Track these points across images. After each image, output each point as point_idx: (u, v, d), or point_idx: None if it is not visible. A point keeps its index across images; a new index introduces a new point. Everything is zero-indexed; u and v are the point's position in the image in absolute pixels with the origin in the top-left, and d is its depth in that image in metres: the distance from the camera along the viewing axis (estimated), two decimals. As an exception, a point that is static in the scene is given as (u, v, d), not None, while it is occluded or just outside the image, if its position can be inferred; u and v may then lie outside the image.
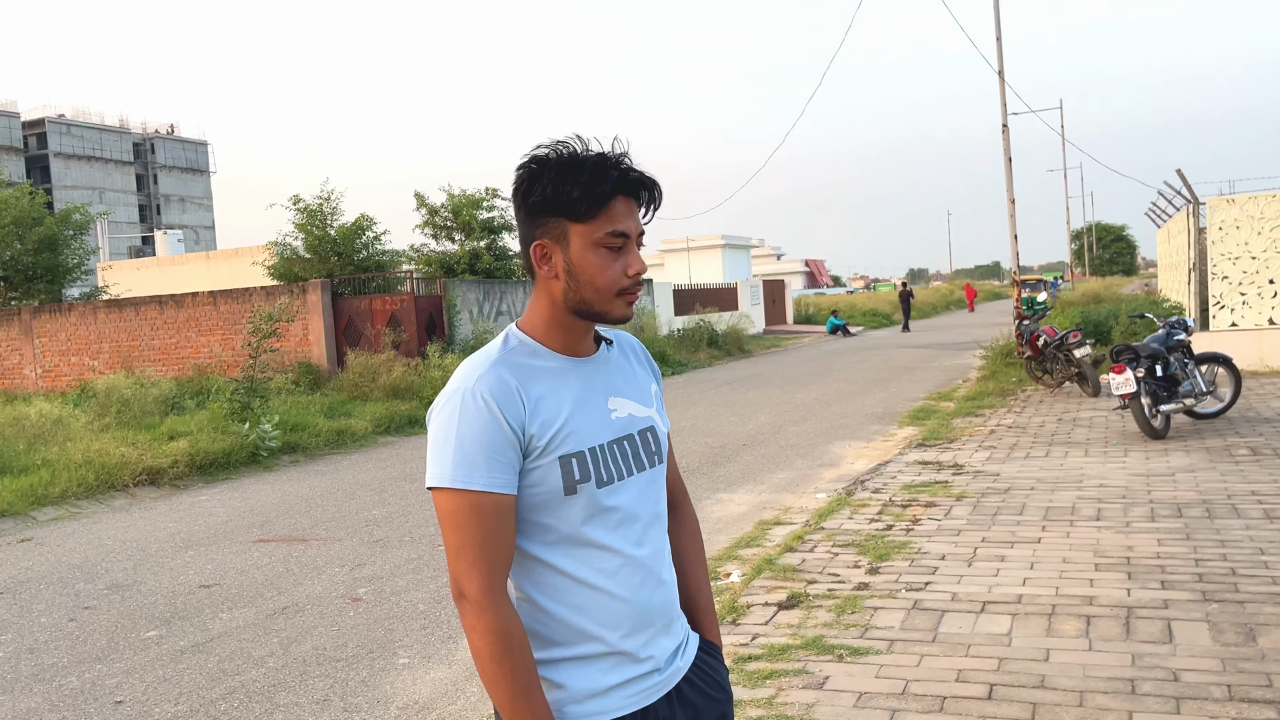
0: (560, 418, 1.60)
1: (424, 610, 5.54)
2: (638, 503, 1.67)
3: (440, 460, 1.55)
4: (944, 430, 10.51)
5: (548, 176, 1.58)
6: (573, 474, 1.59)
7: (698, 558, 1.93)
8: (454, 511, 1.54)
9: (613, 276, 1.60)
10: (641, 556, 1.67)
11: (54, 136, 74.71)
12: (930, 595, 4.99)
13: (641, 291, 1.67)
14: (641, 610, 1.66)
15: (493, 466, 1.54)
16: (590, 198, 1.56)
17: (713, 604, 1.93)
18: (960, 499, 7.16)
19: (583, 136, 1.62)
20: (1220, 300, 14.23)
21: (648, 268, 1.67)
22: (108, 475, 9.89)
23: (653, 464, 1.72)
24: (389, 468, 10.83)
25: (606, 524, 1.63)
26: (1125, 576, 5.07)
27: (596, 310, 1.62)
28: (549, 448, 1.58)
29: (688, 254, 50.21)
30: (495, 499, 1.54)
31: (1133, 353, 9.20)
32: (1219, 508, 6.37)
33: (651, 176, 1.62)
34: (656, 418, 1.77)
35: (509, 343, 1.65)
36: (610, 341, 1.77)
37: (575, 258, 1.59)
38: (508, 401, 1.56)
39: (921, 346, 25.91)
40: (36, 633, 5.58)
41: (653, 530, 1.71)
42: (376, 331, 18.61)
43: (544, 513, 1.60)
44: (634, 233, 1.61)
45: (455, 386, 1.58)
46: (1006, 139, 16.52)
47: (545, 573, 1.62)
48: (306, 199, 21.26)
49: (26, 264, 22.61)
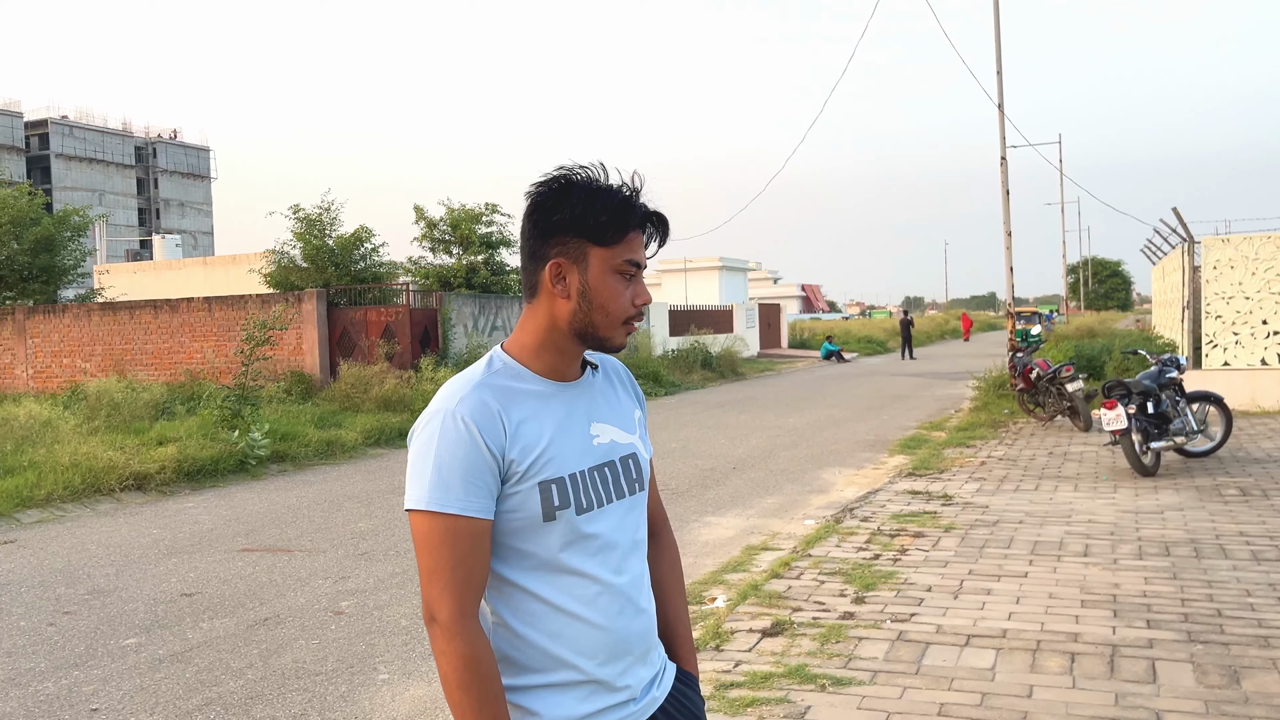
0: (541, 443, 1.58)
1: (406, 626, 5.51)
2: (617, 530, 1.66)
3: (418, 482, 1.54)
4: (934, 460, 10.50)
5: (577, 197, 1.59)
6: (552, 500, 1.58)
7: (677, 586, 1.91)
8: (429, 534, 1.52)
9: (623, 303, 1.62)
10: (620, 584, 1.65)
11: (56, 137, 74.79)
12: (915, 626, 4.97)
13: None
14: (618, 639, 1.64)
15: (470, 490, 1.53)
16: (618, 224, 1.59)
17: (691, 634, 1.92)
18: (949, 530, 7.15)
19: (604, 165, 1.65)
20: (1213, 339, 14.28)
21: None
22: (94, 479, 9.83)
23: (633, 491, 1.71)
24: (377, 480, 10.79)
25: (585, 551, 1.61)
26: (1111, 614, 5.06)
27: (601, 334, 1.63)
28: (529, 473, 1.57)
29: (685, 275, 50.34)
30: (471, 523, 1.53)
31: (1125, 389, 9.22)
32: (1206, 548, 6.36)
33: (666, 220, 1.68)
34: (639, 444, 1.76)
35: (493, 364, 1.64)
36: (595, 366, 1.76)
37: (593, 280, 1.61)
38: (488, 425, 1.55)
39: (914, 375, 25.94)
40: (15, 636, 5.53)
41: (632, 558, 1.69)
42: (370, 343, 18.59)
43: (522, 538, 1.59)
44: (644, 265, 1.65)
45: (436, 408, 1.57)
46: (1005, 171, 16.61)
47: (522, 598, 1.60)
48: (306, 208, 21.29)
49: (22, 264, 22.55)
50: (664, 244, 1.69)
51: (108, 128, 79.22)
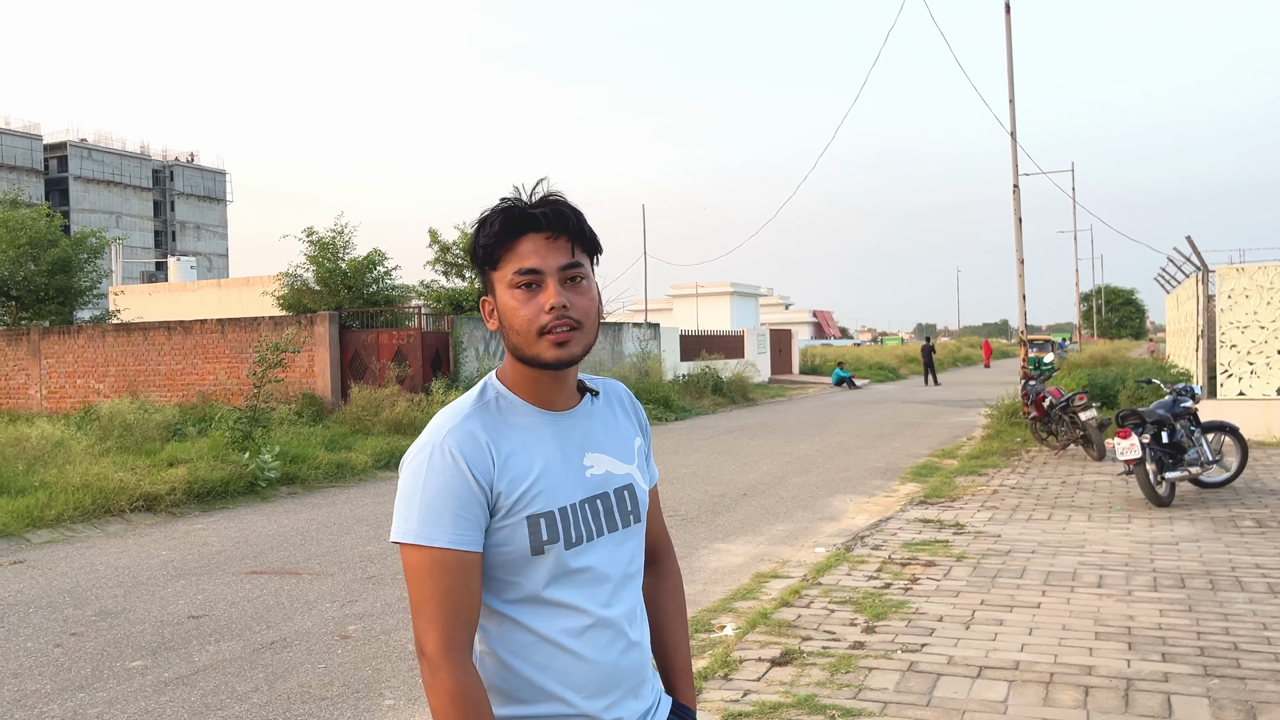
0: (530, 476, 1.56)
1: (412, 651, 5.47)
2: (608, 563, 1.63)
3: (406, 514, 1.52)
4: (946, 488, 10.43)
5: (472, 233, 1.60)
6: (540, 534, 1.55)
7: (677, 616, 1.88)
8: (417, 567, 1.51)
9: (527, 315, 1.55)
10: (611, 617, 1.62)
11: (75, 160, 75.60)
12: (926, 657, 4.92)
13: (572, 328, 1.55)
14: (608, 672, 1.61)
15: (458, 523, 1.51)
16: (495, 240, 1.56)
17: (690, 666, 1.88)
18: (960, 559, 7.08)
19: (522, 186, 1.60)
20: (1228, 369, 14.19)
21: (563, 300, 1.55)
22: (105, 500, 9.85)
23: (627, 523, 1.67)
24: (386, 503, 10.77)
25: (574, 584, 1.59)
26: (1126, 647, 4.99)
27: (527, 355, 1.57)
28: (516, 507, 1.54)
29: (696, 300, 50.37)
30: (459, 556, 1.51)
31: (1139, 418, 9.15)
32: (1222, 580, 6.29)
33: (554, 206, 1.57)
34: (636, 475, 1.72)
35: (485, 394, 1.62)
36: (595, 392, 1.73)
37: (500, 304, 1.58)
38: (477, 458, 1.53)
39: (926, 402, 25.83)
40: (22, 657, 5.52)
41: (624, 590, 1.66)
42: (382, 365, 18.64)
43: (510, 571, 1.57)
44: (550, 269, 1.55)
45: (426, 439, 1.56)
46: (1017, 199, 16.60)
47: (511, 629, 1.58)
48: (320, 231, 21.42)
49: (39, 285, 22.73)
50: (581, 237, 1.58)
51: (126, 150, 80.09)
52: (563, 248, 1.56)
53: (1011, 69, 16.58)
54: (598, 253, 1.63)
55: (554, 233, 1.56)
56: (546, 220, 1.55)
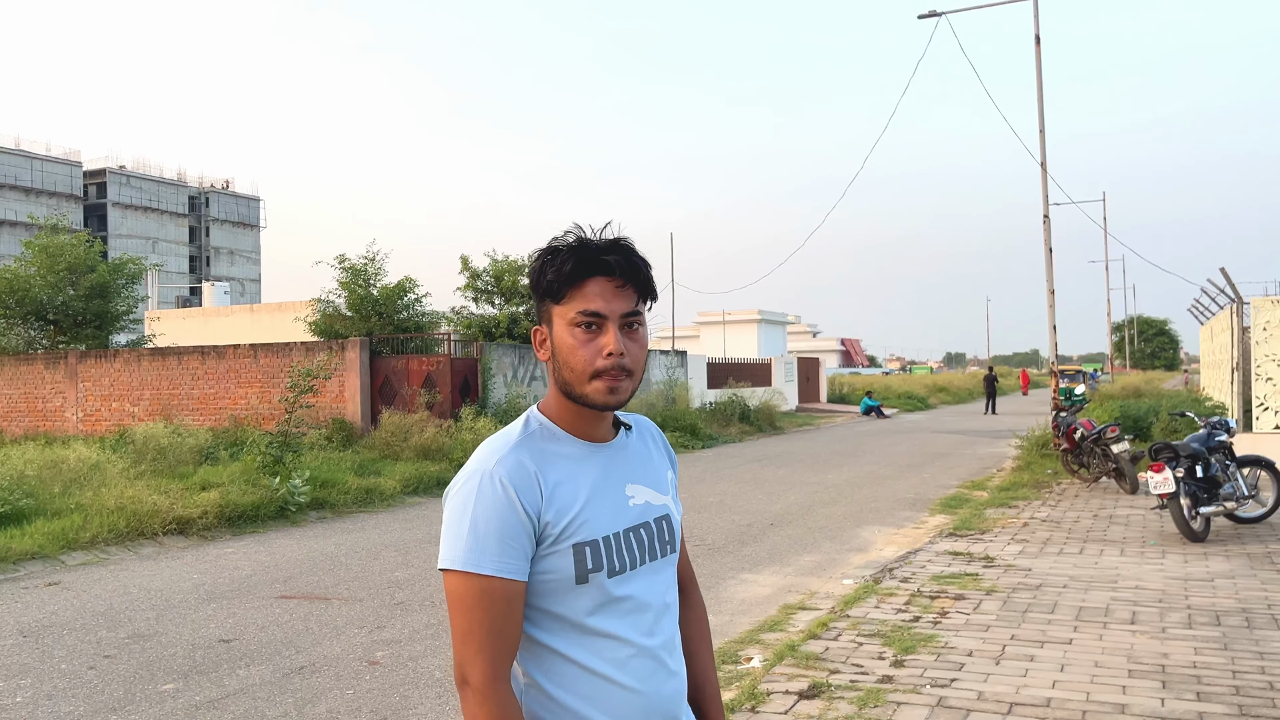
0: (576, 505, 1.59)
1: (440, 678, 5.49)
2: (649, 591, 1.66)
3: (453, 542, 1.54)
4: (976, 520, 10.34)
5: (537, 264, 1.63)
6: (585, 563, 1.58)
7: (705, 646, 1.90)
8: (463, 595, 1.52)
9: (585, 357, 1.58)
10: (652, 646, 1.64)
11: (113, 186, 77.07)
12: (956, 693, 4.87)
13: (624, 376, 1.59)
14: (650, 702, 1.63)
15: (505, 552, 1.53)
16: (564, 277, 1.58)
17: (719, 695, 1.90)
18: (990, 593, 7.01)
19: (588, 225, 1.64)
20: (1264, 402, 13.99)
21: (621, 348, 1.58)
22: (138, 523, 9.98)
23: (665, 553, 1.71)
24: (415, 529, 10.83)
25: (616, 613, 1.61)
26: (1159, 685, 4.92)
27: (576, 393, 1.60)
28: (563, 535, 1.57)
29: (723, 327, 50.38)
30: (505, 585, 1.53)
31: (1172, 451, 9.05)
32: (1259, 617, 6.19)
33: (627, 254, 1.60)
34: (672, 506, 1.76)
35: (530, 425, 1.65)
36: (629, 427, 1.77)
37: (556, 338, 1.61)
38: (525, 487, 1.55)
39: (956, 432, 25.63)
40: (56, 679, 5.59)
41: (664, 620, 1.69)
42: (411, 391, 18.77)
43: (554, 600, 1.59)
44: (613, 314, 1.58)
45: (474, 468, 1.58)
46: (1048, 229, 16.53)
47: (554, 660, 1.60)
48: (352, 258, 21.68)
49: (77, 310, 23.13)
50: (642, 287, 1.61)
51: (163, 177, 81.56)
52: (628, 296, 1.60)
53: (1041, 100, 16.57)
54: (653, 300, 1.67)
55: (623, 280, 1.60)
56: (620, 268, 1.59)
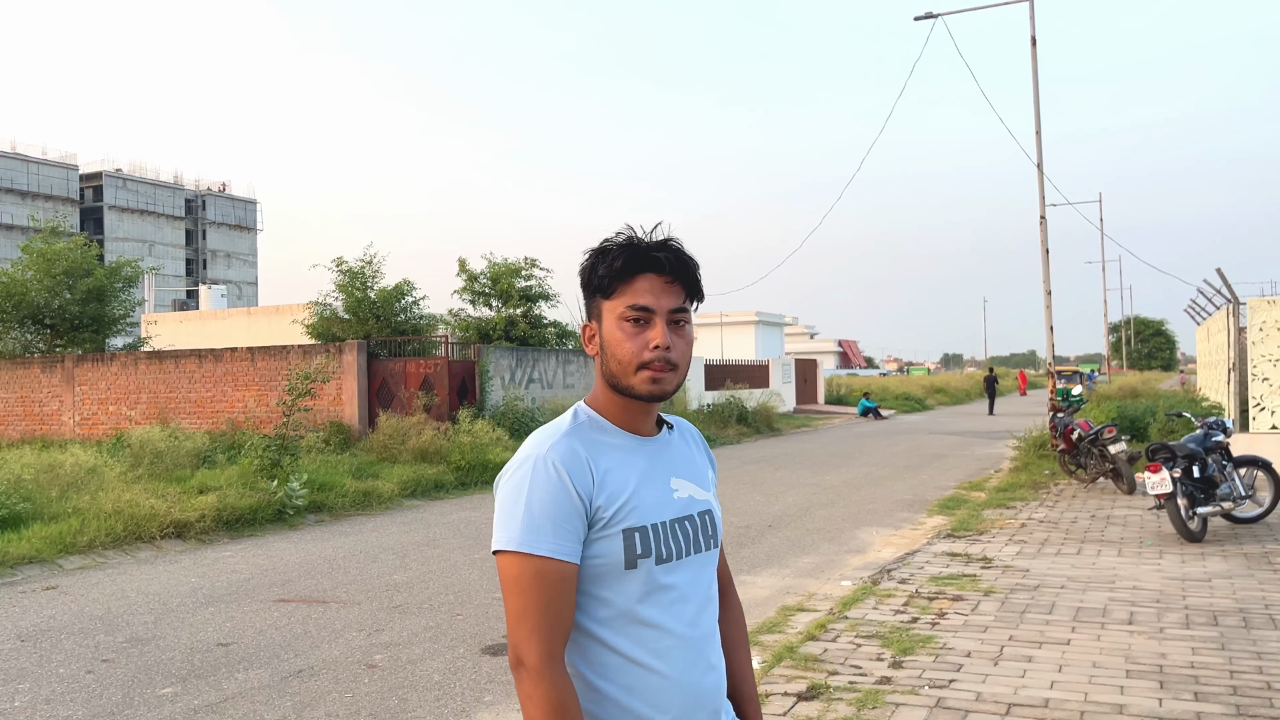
0: (626, 491, 1.63)
1: (438, 681, 5.49)
2: (692, 584, 1.70)
3: (508, 524, 1.59)
4: (974, 521, 10.35)
5: (590, 259, 1.70)
6: (634, 548, 1.62)
7: (743, 646, 1.94)
8: (518, 576, 1.56)
9: (633, 349, 1.64)
10: (694, 638, 1.68)
11: (110, 190, 76.97)
12: (954, 694, 4.88)
13: (669, 368, 1.67)
14: (691, 693, 1.66)
15: (559, 534, 1.57)
16: (612, 274, 1.65)
17: (756, 694, 1.93)
18: (988, 594, 7.02)
19: (641, 226, 1.71)
20: (1260, 402, 14.02)
21: (668, 341, 1.65)
22: (136, 526, 9.96)
23: (708, 547, 1.75)
24: (413, 532, 10.83)
25: (661, 602, 1.64)
26: (1157, 685, 4.93)
27: (622, 384, 1.66)
28: (614, 520, 1.61)
29: (720, 329, 50.36)
30: (559, 566, 1.57)
31: (1169, 452, 9.06)
32: (1256, 617, 6.20)
33: (677, 254, 1.67)
34: (714, 502, 1.81)
35: (578, 417, 1.71)
36: (670, 426, 1.82)
37: (605, 332, 1.68)
38: (578, 471, 1.60)
39: (954, 434, 25.66)
40: (54, 683, 5.59)
41: (705, 613, 1.72)
42: (409, 394, 18.76)
43: (602, 585, 1.62)
44: (661, 309, 1.65)
45: (527, 454, 1.63)
46: (1044, 230, 16.56)
47: (598, 650, 1.63)
48: (349, 261, 21.68)
49: (73, 313, 23.10)
50: (691, 286, 1.68)
51: (160, 180, 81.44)
52: (676, 292, 1.67)
53: (1037, 102, 16.60)
54: (700, 300, 1.73)
55: (672, 277, 1.66)
56: (670, 265, 1.66)
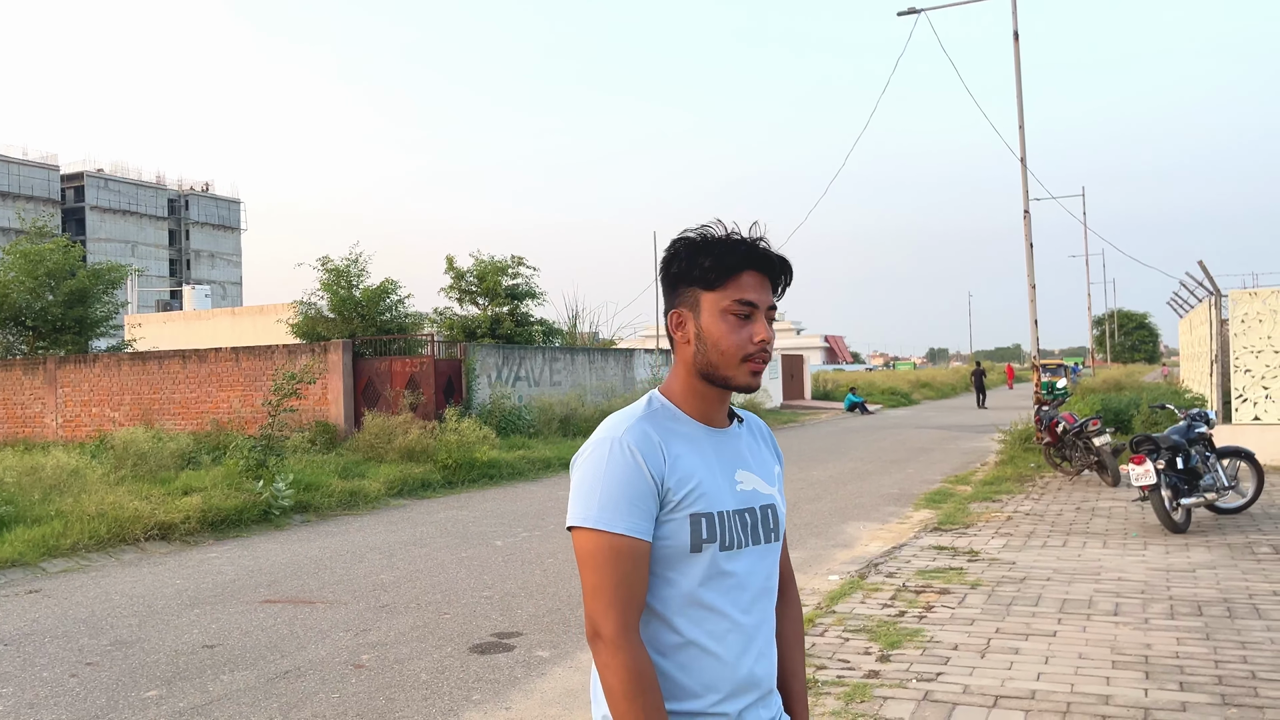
0: (695, 477, 1.68)
1: (426, 680, 5.47)
2: (751, 572, 1.73)
3: (585, 502, 1.64)
4: (960, 515, 10.39)
5: (688, 251, 1.74)
6: (700, 533, 1.66)
7: (797, 643, 1.96)
8: (595, 552, 1.62)
9: (738, 341, 1.70)
10: (748, 624, 1.72)
11: (91, 190, 76.43)
12: (941, 686, 4.89)
13: (766, 363, 1.77)
14: (743, 676, 1.71)
15: (634, 512, 1.63)
16: (719, 268, 1.70)
17: (805, 692, 1.96)
18: (975, 587, 7.05)
19: (724, 221, 1.76)
20: (1243, 393, 14.12)
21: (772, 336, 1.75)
22: (119, 528, 9.89)
23: (769, 539, 1.78)
24: (399, 531, 10.79)
25: (721, 587, 1.69)
26: (1143, 675, 4.96)
27: (722, 374, 1.72)
28: (682, 503, 1.66)
29: (708, 326, 50.36)
30: (633, 543, 1.62)
31: (1153, 444, 9.11)
32: (1240, 607, 6.24)
33: (781, 255, 1.76)
34: (778, 497, 1.85)
35: (652, 404, 1.76)
36: (740, 420, 1.86)
37: (705, 323, 1.72)
38: (651, 453, 1.65)
39: (940, 428, 25.75)
40: (38, 687, 5.54)
41: (761, 601, 1.76)
42: (395, 393, 18.70)
43: (669, 566, 1.67)
44: (762, 305, 1.72)
45: (603, 436, 1.69)
46: (1028, 224, 16.62)
47: (659, 629, 1.68)
48: (335, 260, 21.59)
49: (56, 315, 22.92)
50: (787, 284, 1.78)
51: (142, 180, 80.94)
52: (770, 290, 1.76)
53: (1020, 96, 16.66)
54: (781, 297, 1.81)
55: (773, 276, 1.75)
56: (780, 264, 1.75)
